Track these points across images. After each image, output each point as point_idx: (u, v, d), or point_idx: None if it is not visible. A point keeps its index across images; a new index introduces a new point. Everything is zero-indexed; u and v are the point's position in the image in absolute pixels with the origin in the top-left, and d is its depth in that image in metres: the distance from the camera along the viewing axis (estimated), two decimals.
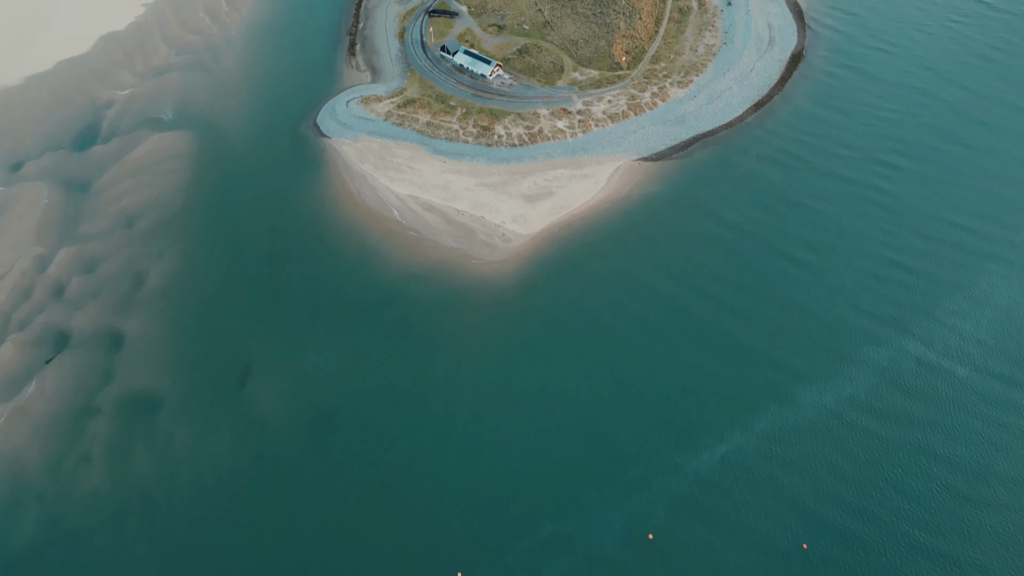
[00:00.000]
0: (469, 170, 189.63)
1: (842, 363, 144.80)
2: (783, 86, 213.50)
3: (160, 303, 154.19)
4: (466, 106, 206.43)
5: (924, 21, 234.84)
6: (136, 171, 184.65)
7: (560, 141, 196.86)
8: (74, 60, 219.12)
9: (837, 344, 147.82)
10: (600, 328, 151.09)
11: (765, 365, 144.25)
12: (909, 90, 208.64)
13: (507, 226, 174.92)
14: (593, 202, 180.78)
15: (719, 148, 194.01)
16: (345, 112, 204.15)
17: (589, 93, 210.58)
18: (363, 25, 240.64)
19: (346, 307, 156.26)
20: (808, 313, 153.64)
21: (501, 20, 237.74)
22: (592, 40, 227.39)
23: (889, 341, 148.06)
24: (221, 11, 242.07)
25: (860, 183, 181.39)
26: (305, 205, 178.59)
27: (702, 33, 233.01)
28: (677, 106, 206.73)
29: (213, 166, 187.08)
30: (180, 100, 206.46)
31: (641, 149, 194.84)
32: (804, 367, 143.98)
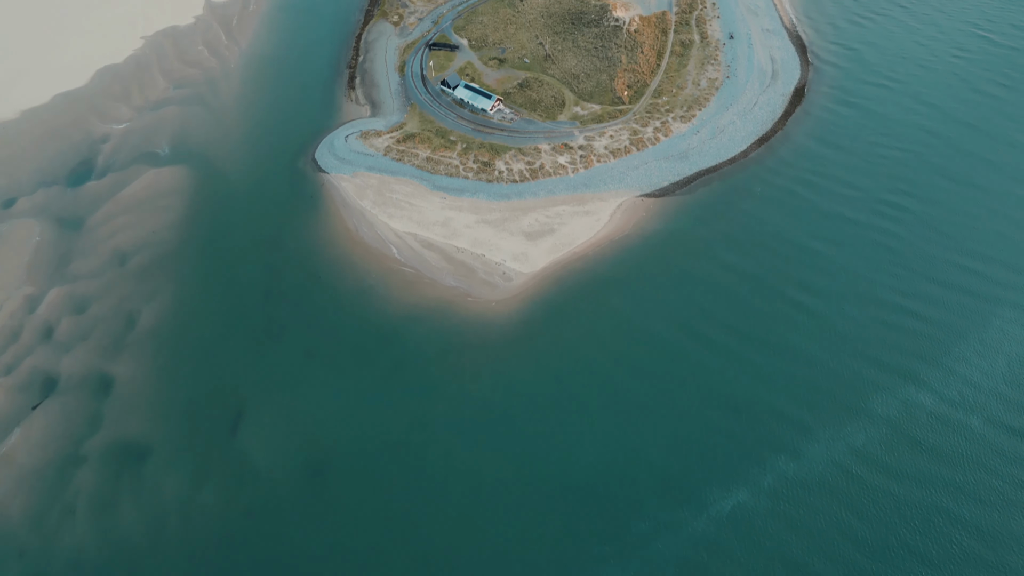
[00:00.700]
0: (469, 206, 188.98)
1: (850, 415, 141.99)
2: (786, 121, 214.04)
3: (151, 345, 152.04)
4: (466, 141, 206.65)
5: (927, 56, 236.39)
6: (130, 207, 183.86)
7: (562, 177, 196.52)
8: (71, 93, 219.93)
9: (845, 394, 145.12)
10: (600, 377, 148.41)
11: (771, 417, 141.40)
12: (914, 128, 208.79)
13: (508, 264, 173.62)
14: (595, 240, 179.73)
15: (723, 184, 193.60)
16: (344, 147, 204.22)
17: (591, 128, 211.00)
18: (363, 58, 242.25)
19: (342, 349, 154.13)
20: (814, 361, 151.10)
21: (502, 54, 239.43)
22: (593, 74, 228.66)
23: (899, 391, 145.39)
24: (220, 44, 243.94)
25: (866, 224, 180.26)
26: (302, 242, 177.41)
27: (704, 67, 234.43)
28: (680, 141, 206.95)
29: (209, 202, 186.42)
30: (177, 135, 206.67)
31: (644, 185, 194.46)
32: (811, 419, 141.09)
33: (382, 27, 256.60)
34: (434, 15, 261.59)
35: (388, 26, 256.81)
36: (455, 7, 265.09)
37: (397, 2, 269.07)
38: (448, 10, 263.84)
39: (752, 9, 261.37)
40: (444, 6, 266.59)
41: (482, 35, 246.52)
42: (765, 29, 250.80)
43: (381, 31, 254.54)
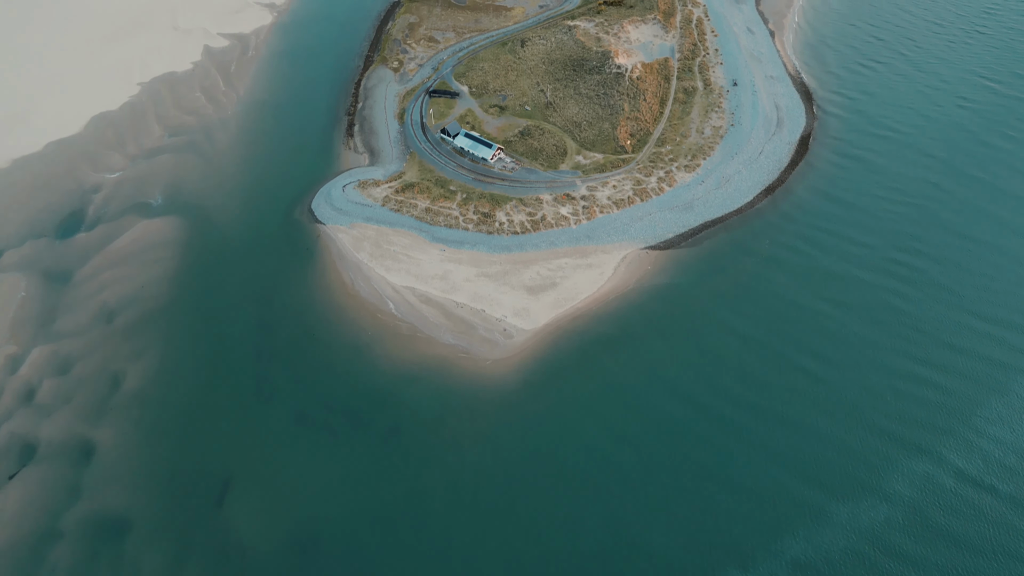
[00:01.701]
0: (469, 259, 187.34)
1: (866, 494, 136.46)
2: (793, 170, 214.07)
3: (136, 410, 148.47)
4: (466, 191, 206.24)
5: (931, 105, 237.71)
6: (120, 261, 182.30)
7: (564, 228, 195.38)
8: (64, 141, 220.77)
9: (859, 471, 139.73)
10: (602, 452, 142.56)
11: (781, 497, 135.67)
12: (921, 181, 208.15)
13: (509, 321, 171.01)
14: (599, 294, 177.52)
15: (729, 237, 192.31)
16: (341, 197, 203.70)
17: (593, 178, 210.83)
18: (362, 105, 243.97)
19: (336, 413, 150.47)
20: (825, 435, 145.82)
21: (503, 101, 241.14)
22: (596, 122, 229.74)
23: (917, 467, 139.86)
24: (218, 90, 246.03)
25: (876, 284, 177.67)
26: (296, 297, 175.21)
27: (708, 114, 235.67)
28: (685, 191, 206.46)
29: (201, 255, 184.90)
30: (170, 184, 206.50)
31: (648, 237, 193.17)
32: (824, 499, 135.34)
33: (382, 73, 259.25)
34: (434, 61, 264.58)
35: (388, 72, 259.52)
36: (455, 53, 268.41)
37: (397, 48, 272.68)
38: (448, 56, 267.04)
39: (755, 55, 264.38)
40: (444, 52, 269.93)
41: (483, 82, 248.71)
42: (769, 76, 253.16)
43: (381, 77, 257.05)
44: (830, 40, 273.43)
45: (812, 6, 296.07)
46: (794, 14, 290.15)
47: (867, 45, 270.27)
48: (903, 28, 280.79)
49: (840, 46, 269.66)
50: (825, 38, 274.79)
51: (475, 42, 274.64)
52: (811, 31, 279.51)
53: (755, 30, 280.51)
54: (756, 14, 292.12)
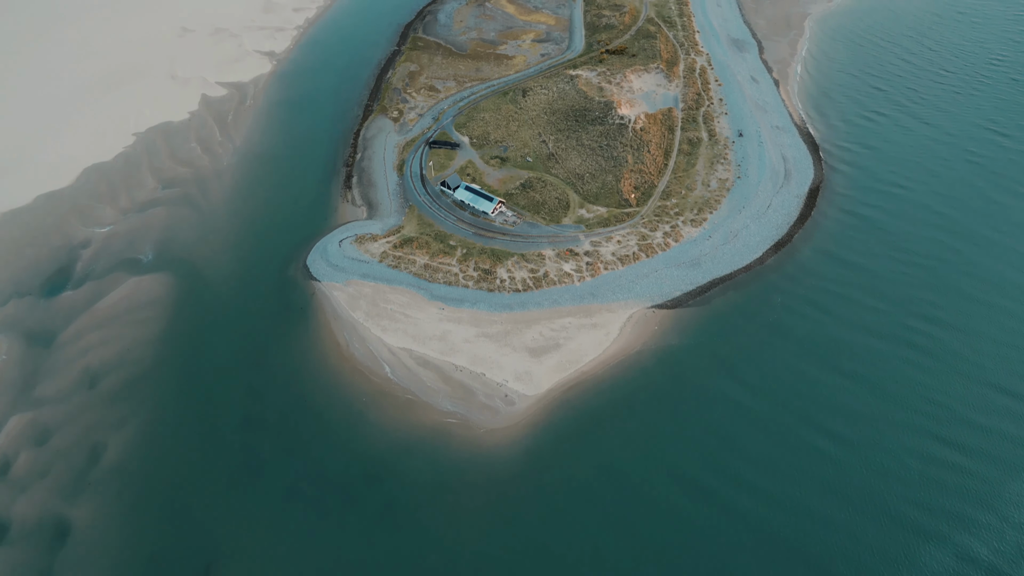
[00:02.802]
0: (469, 318, 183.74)
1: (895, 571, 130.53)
2: (803, 224, 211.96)
3: (116, 484, 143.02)
4: (467, 246, 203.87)
5: (940, 159, 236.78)
6: (106, 321, 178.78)
7: (567, 286, 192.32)
8: (55, 194, 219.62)
9: (876, 564, 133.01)
10: (597, 550, 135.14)
11: None
12: (932, 239, 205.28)
13: (510, 385, 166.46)
14: (604, 357, 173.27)
15: (738, 295, 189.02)
16: (337, 252, 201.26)
17: (597, 232, 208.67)
18: (361, 156, 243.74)
19: (327, 487, 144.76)
20: (840, 522, 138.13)
21: (504, 152, 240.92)
22: (599, 174, 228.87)
23: (940, 559, 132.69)
24: (214, 140, 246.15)
25: (896, 341, 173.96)
26: (288, 360, 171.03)
27: (714, 166, 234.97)
28: (691, 247, 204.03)
29: (190, 315, 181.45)
30: (162, 239, 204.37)
31: (655, 295, 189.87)
32: None
33: (381, 123, 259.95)
34: (435, 111, 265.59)
35: (388, 122, 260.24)
36: (456, 103, 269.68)
37: (397, 97, 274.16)
38: (449, 106, 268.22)
39: (760, 105, 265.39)
40: (445, 101, 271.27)
41: (484, 132, 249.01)
42: (775, 126, 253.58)
43: (380, 127, 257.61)
44: (835, 90, 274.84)
45: (815, 55, 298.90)
46: (798, 63, 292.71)
47: (872, 95, 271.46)
48: (907, 78, 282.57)
49: (845, 96, 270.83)
50: (830, 88, 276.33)
51: (476, 91, 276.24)
52: (815, 80, 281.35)
53: (759, 79, 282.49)
54: (760, 63, 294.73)
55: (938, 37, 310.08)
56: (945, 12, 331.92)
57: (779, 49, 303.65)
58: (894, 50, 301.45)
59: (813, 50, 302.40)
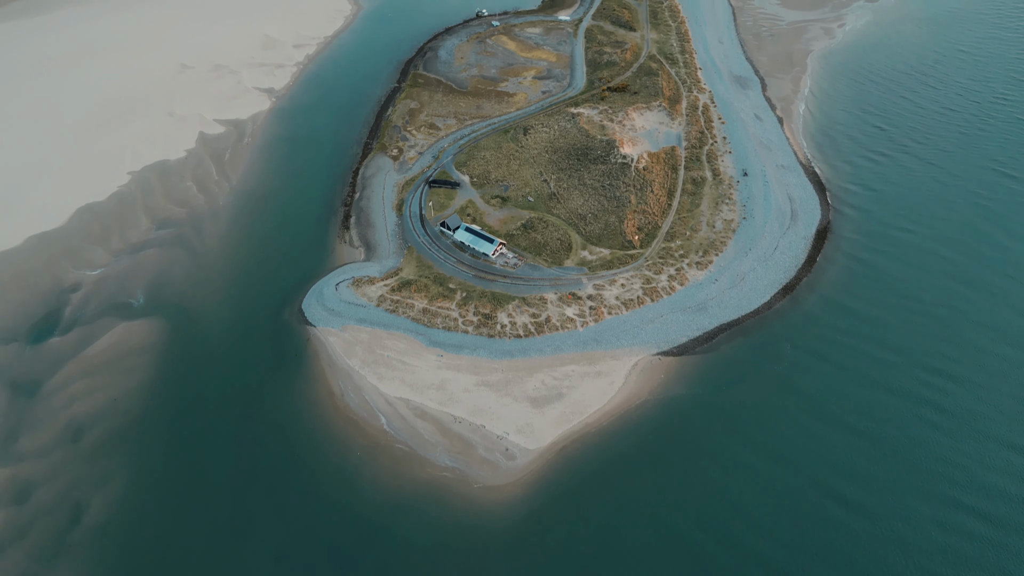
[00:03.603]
0: (468, 366, 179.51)
1: None
2: (811, 267, 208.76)
3: (96, 547, 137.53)
4: (466, 289, 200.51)
5: (947, 200, 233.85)
6: (93, 369, 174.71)
7: (570, 332, 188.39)
8: (46, 235, 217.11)
9: None
10: None
11: None
12: (945, 282, 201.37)
13: (511, 438, 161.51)
14: (609, 407, 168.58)
15: (747, 341, 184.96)
16: (334, 296, 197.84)
17: (600, 275, 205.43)
18: (359, 195, 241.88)
19: (318, 549, 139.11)
20: None
21: (505, 191, 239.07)
22: (601, 215, 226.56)
23: None
24: (210, 179, 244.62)
25: (909, 396, 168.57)
26: (281, 411, 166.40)
27: (719, 206, 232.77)
28: (697, 291, 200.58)
29: (180, 363, 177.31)
30: (154, 282, 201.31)
31: (660, 341, 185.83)
32: None
33: (381, 161, 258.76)
34: (435, 149, 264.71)
35: (387, 160, 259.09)
36: (457, 141, 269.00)
37: (397, 135, 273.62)
38: (449, 144, 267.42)
39: (765, 143, 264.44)
40: (445, 140, 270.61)
41: (484, 171, 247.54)
42: (780, 165, 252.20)
43: (380, 166, 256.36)
44: (840, 128, 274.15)
45: (819, 92, 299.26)
46: (801, 101, 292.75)
47: (876, 134, 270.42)
48: (911, 117, 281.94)
49: (850, 135, 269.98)
50: (834, 126, 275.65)
51: (477, 129, 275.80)
52: (820, 118, 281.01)
53: (763, 117, 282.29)
54: (763, 100, 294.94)
55: (941, 76, 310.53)
56: (947, 50, 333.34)
57: (782, 86, 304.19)
58: (897, 88, 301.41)
59: (816, 87, 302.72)
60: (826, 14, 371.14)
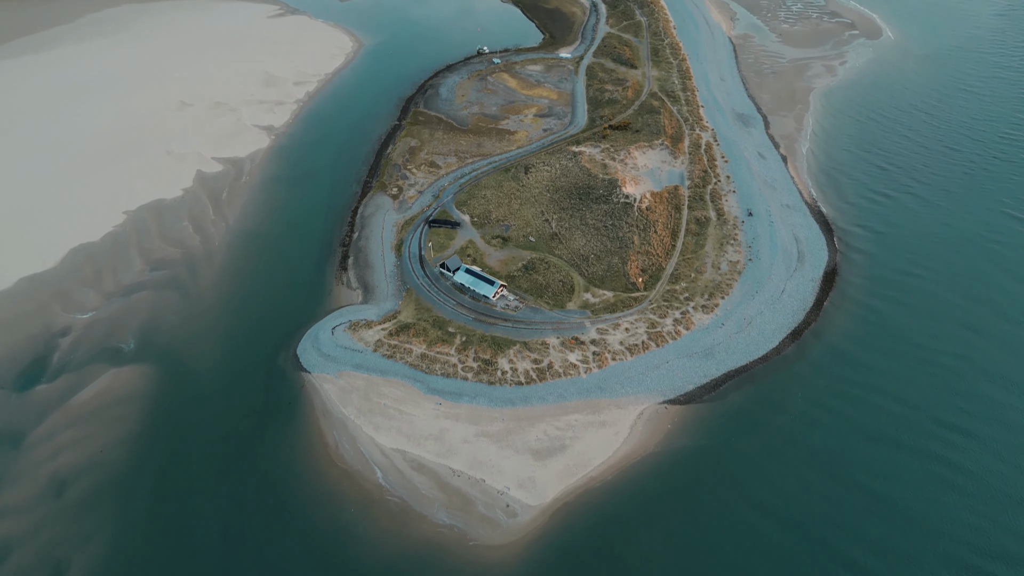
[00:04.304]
0: (468, 414, 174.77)
1: None
2: (819, 311, 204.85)
3: None
4: (466, 333, 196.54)
5: (955, 241, 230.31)
6: (80, 419, 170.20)
7: (573, 378, 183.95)
8: (36, 277, 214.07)
9: None
10: None
11: None
12: (959, 328, 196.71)
13: (512, 494, 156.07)
14: (614, 460, 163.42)
15: (755, 389, 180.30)
16: (330, 341, 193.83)
17: (603, 319, 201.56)
18: (358, 235, 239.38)
19: None
20: None
21: (506, 231, 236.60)
22: (604, 256, 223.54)
23: None
24: (207, 219, 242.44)
25: (925, 454, 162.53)
26: (273, 464, 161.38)
27: (724, 247, 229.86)
28: (703, 335, 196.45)
29: (169, 412, 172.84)
30: (146, 326, 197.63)
31: (666, 389, 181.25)
32: None
33: (380, 200, 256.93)
34: (435, 188, 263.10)
35: (386, 199, 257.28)
36: (457, 179, 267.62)
37: (397, 173, 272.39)
38: (450, 182, 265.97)
39: (769, 183, 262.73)
40: (446, 178, 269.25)
41: (485, 211, 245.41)
42: (785, 205, 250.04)
43: (379, 205, 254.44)
44: (844, 167, 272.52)
45: (822, 131, 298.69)
46: (805, 139, 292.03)
47: (881, 174, 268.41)
48: (916, 156, 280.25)
49: (855, 174, 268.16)
50: (839, 165, 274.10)
51: (477, 168, 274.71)
52: (824, 157, 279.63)
53: (766, 155, 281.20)
54: (766, 138, 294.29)
55: (944, 114, 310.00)
56: (949, 88, 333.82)
57: (785, 124, 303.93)
58: (900, 128, 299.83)
59: (819, 126, 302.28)
60: (827, 51, 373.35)
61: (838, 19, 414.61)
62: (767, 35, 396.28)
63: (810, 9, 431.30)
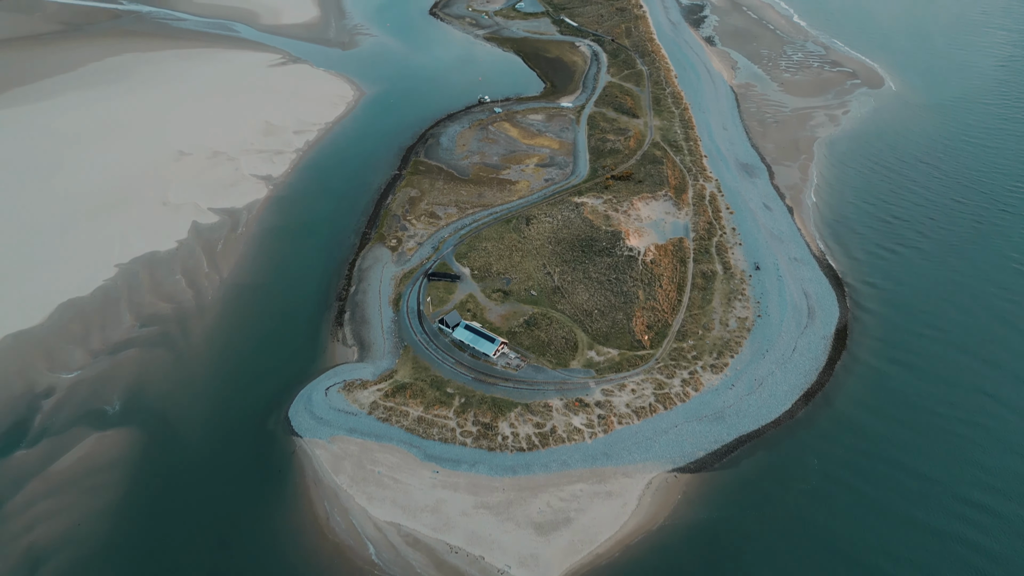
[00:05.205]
0: (467, 484, 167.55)
1: None
2: (832, 370, 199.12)
3: None
4: (465, 394, 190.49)
5: (968, 296, 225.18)
6: (59, 487, 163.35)
7: (577, 444, 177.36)
8: (23, 334, 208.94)
9: None
10: None
11: None
12: (976, 394, 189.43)
13: (513, 573, 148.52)
14: (622, 535, 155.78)
15: (769, 456, 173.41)
16: (323, 403, 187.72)
17: (608, 379, 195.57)
18: (355, 289, 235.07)
19: None
20: None
21: (507, 285, 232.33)
22: (608, 311, 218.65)
23: None
24: (200, 272, 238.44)
25: (946, 535, 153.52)
26: (260, 537, 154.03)
27: (732, 303, 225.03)
28: (713, 397, 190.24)
29: (153, 481, 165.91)
30: (132, 387, 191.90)
31: (675, 455, 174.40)
32: None
33: (378, 252, 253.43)
34: (435, 239, 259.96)
35: (385, 251, 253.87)
36: (457, 231, 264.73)
37: (396, 224, 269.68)
38: (450, 234, 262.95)
39: (775, 235, 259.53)
40: (446, 229, 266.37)
41: (485, 263, 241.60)
42: (793, 258, 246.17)
43: (377, 257, 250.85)
44: (852, 219, 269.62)
45: (827, 181, 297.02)
46: (810, 190, 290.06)
47: (890, 225, 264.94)
48: (924, 207, 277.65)
49: (863, 226, 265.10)
50: (846, 217, 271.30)
51: (478, 218, 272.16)
52: (830, 208, 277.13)
53: (772, 206, 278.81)
54: (771, 188, 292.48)
55: (950, 166, 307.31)
56: (954, 139, 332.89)
57: (790, 174, 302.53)
58: (905, 180, 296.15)
59: (825, 176, 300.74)
60: (830, 100, 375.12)
61: (839, 68, 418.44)
62: (769, 84, 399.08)
63: (810, 58, 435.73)
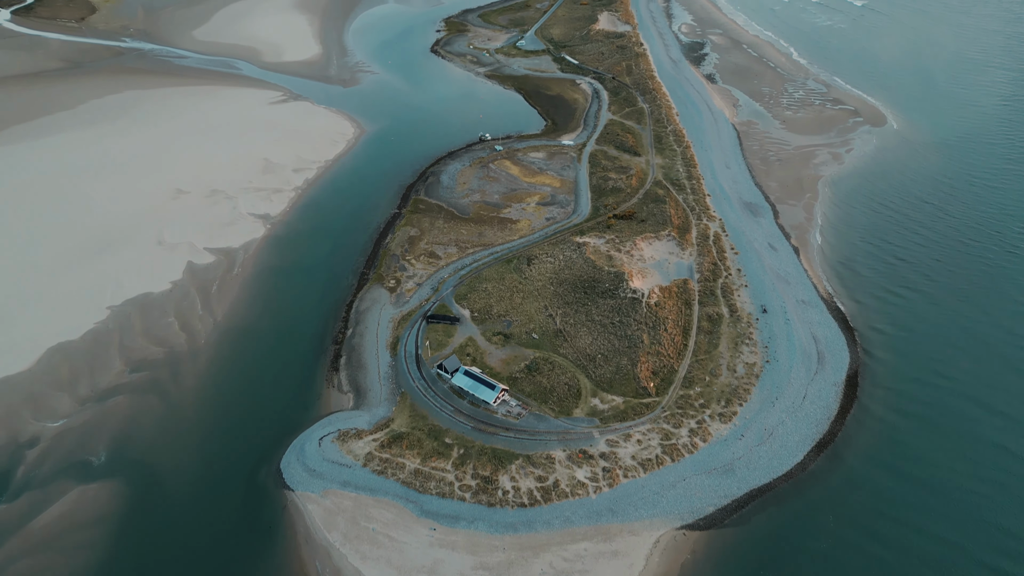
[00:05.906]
0: (465, 542, 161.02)
1: None
2: (844, 419, 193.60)
3: None
4: (464, 444, 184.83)
5: (982, 342, 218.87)
6: (38, 546, 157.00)
7: (581, 499, 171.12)
8: (8, 380, 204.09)
9: None
10: None
11: None
12: (993, 449, 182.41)
13: None
14: None
15: (780, 513, 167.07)
16: (316, 454, 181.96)
17: (613, 428, 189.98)
18: (351, 332, 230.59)
19: None
20: None
21: (507, 328, 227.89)
22: (612, 356, 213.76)
23: None
24: (194, 315, 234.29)
25: None
26: None
27: (739, 347, 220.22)
28: (722, 448, 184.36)
29: (135, 538, 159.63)
30: (119, 436, 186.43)
31: (684, 511, 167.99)
32: None
33: (376, 294, 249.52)
34: (434, 280, 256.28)
35: (383, 292, 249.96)
36: (457, 271, 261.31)
37: (395, 264, 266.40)
38: (450, 274, 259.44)
39: (782, 276, 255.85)
40: (445, 269, 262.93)
41: (486, 305, 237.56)
42: (801, 301, 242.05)
43: (375, 299, 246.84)
44: (859, 261, 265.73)
45: (833, 221, 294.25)
46: (816, 230, 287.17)
47: (898, 267, 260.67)
48: (931, 248, 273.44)
49: (870, 268, 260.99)
50: (853, 258, 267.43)
51: (478, 258, 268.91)
52: (836, 249, 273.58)
53: (777, 247, 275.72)
54: (776, 228, 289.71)
55: (955, 207, 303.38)
56: (959, 180, 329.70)
57: (795, 214, 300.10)
58: (910, 222, 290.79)
59: (830, 216, 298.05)
60: (832, 139, 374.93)
61: (841, 106, 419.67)
62: (771, 122, 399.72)
63: (812, 96, 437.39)
